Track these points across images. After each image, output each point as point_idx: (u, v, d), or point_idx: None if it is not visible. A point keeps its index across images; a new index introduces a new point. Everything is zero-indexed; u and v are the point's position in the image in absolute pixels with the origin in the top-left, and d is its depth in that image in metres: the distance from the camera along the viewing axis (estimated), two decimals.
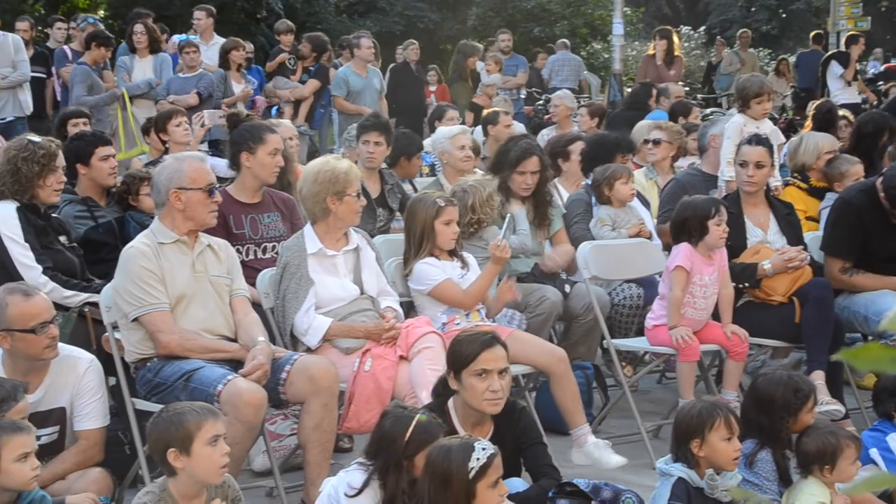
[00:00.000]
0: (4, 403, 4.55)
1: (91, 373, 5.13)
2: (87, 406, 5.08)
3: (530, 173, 7.04)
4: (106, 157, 7.04)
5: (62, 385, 5.06)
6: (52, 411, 5.04)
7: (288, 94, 14.05)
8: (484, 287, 6.16)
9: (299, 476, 5.66)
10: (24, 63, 11.82)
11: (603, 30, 26.77)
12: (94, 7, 24.30)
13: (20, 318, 4.91)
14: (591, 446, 5.97)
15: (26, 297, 4.96)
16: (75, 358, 5.15)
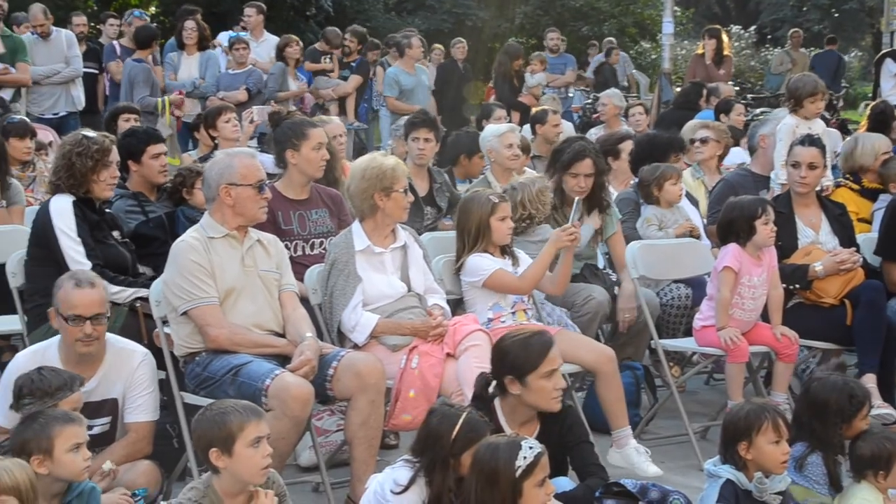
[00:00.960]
0: (59, 392, 4.61)
1: (144, 366, 5.18)
2: (138, 399, 5.13)
3: (584, 175, 6.95)
4: (157, 155, 7.07)
5: (116, 377, 5.12)
6: (105, 402, 5.09)
7: (330, 93, 14.10)
8: (540, 271, 6.13)
9: (345, 472, 5.67)
10: (76, 59, 11.92)
11: (652, 29, 26.62)
12: (146, 3, 24.47)
13: (62, 303, 5.04)
14: (632, 451, 5.96)
15: (75, 286, 5.05)
16: (130, 351, 5.21)
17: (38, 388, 4.59)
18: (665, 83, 16.42)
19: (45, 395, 4.58)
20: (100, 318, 5.03)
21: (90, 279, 5.12)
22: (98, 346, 5.06)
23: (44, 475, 4.26)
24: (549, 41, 17.28)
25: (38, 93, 11.40)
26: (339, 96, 14.14)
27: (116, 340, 5.21)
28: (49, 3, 12.69)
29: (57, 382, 4.63)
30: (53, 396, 4.58)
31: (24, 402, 4.60)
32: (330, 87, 14.12)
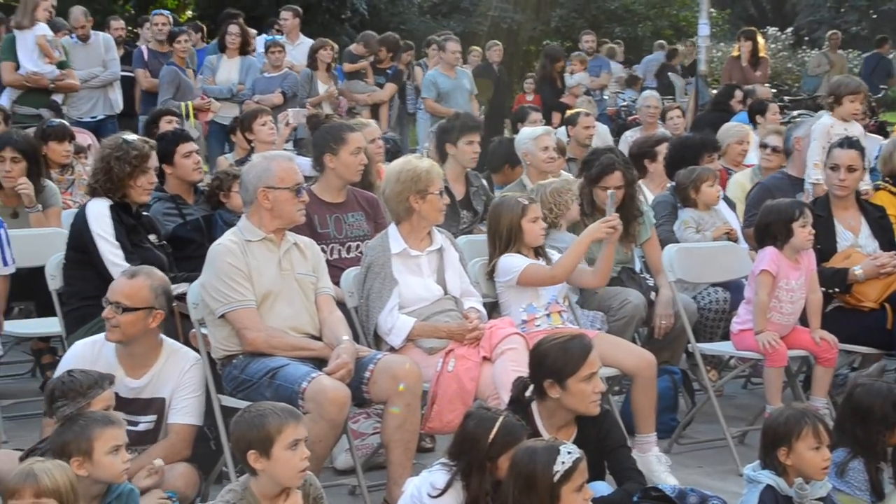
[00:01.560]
0: (91, 390, 4.63)
1: (194, 370, 5.22)
2: (183, 400, 5.15)
3: (614, 188, 6.91)
4: (188, 154, 7.10)
5: (167, 377, 5.15)
6: (154, 400, 5.13)
7: (365, 98, 14.12)
8: (573, 260, 6.09)
9: (381, 475, 5.67)
10: (114, 62, 12.00)
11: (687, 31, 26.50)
12: (182, 7, 24.62)
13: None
14: (653, 458, 5.94)
15: (125, 275, 5.16)
16: (183, 353, 5.26)
17: (70, 388, 4.62)
18: (701, 85, 16.35)
19: (77, 396, 4.60)
20: (117, 306, 5.05)
21: (136, 271, 5.21)
22: (119, 336, 5.08)
23: (83, 477, 4.28)
24: (583, 44, 17.25)
25: (76, 97, 11.48)
26: (373, 103, 14.17)
27: (171, 343, 5.27)
28: (87, 8, 12.79)
29: (87, 382, 4.66)
30: (86, 395, 4.61)
31: (57, 404, 4.63)
32: (366, 92, 14.15)
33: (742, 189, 8.49)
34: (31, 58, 10.65)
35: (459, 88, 13.70)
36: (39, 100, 10.70)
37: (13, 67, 10.67)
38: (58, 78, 10.74)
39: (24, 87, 10.67)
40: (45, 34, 10.71)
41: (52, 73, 10.72)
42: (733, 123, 10.15)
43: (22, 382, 7.85)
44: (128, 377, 5.10)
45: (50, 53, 10.66)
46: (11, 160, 7.29)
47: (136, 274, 5.17)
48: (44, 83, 10.69)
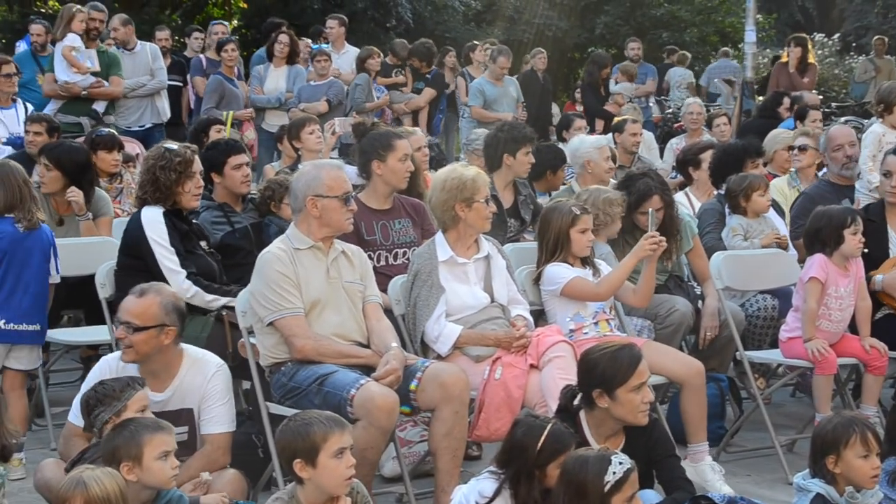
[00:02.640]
0: (125, 392, 4.68)
1: (218, 377, 5.20)
2: (212, 410, 5.15)
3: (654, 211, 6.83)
4: (238, 166, 7.13)
5: (190, 387, 5.15)
6: (181, 412, 5.13)
7: (402, 107, 14.15)
8: (619, 278, 6.09)
9: (428, 483, 5.67)
10: (161, 71, 12.10)
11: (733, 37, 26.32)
12: (229, 16, 24.79)
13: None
14: (707, 467, 5.90)
15: (134, 294, 5.12)
16: (205, 361, 5.24)
17: (105, 395, 4.68)
18: (747, 92, 16.23)
19: (113, 400, 4.66)
20: (129, 326, 5.03)
21: (145, 289, 5.14)
22: (134, 356, 5.06)
23: (133, 482, 4.32)
24: (629, 51, 17.19)
25: (124, 106, 11.59)
26: (411, 110, 14.19)
27: (193, 351, 5.25)
28: (134, 19, 12.91)
29: (120, 385, 4.71)
30: (120, 398, 4.66)
31: (95, 412, 4.68)
32: (403, 101, 14.18)
33: (781, 193, 8.44)
34: (63, 67, 10.79)
35: (506, 96, 13.73)
36: (79, 108, 10.83)
37: (53, 78, 10.87)
38: (92, 85, 10.86)
39: (60, 97, 10.81)
40: (73, 45, 10.82)
41: (85, 82, 10.83)
42: (780, 130, 10.08)
43: (71, 390, 7.87)
44: (151, 391, 5.08)
45: (76, 63, 10.77)
46: (45, 167, 7.38)
47: (145, 292, 5.11)
48: (76, 91, 10.82)
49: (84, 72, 10.83)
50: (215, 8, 25.65)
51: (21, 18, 20.77)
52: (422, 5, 25.75)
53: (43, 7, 24.55)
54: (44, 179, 7.41)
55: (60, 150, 7.54)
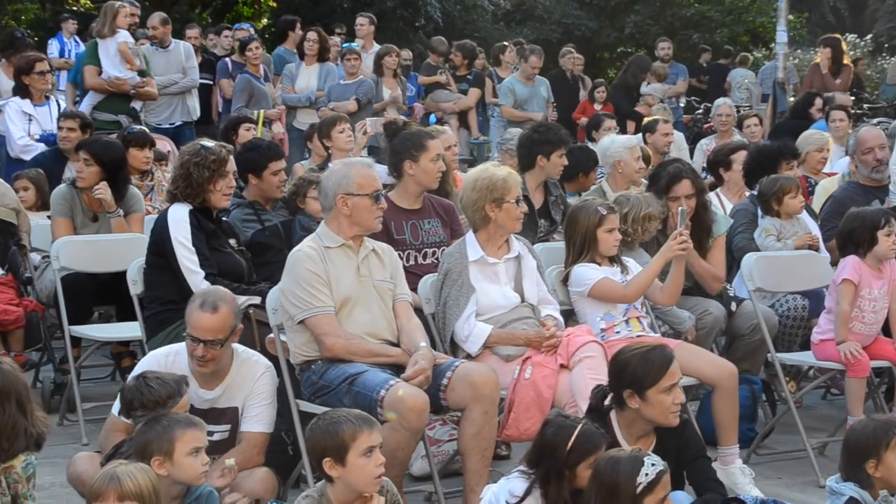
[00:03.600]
0: (170, 400, 4.69)
1: (265, 378, 5.24)
2: (255, 408, 5.18)
3: (684, 197, 6.78)
4: (277, 172, 7.15)
5: (239, 385, 5.19)
6: (227, 410, 5.17)
7: (452, 106, 14.16)
8: (647, 280, 6.07)
9: (458, 482, 5.67)
10: (193, 70, 12.14)
11: (764, 37, 26.22)
12: (258, 15, 24.86)
13: (187, 319, 5.12)
14: (737, 470, 5.87)
15: (199, 307, 5.08)
16: (254, 361, 5.27)
17: (149, 399, 4.67)
18: (779, 93, 16.15)
19: (156, 406, 4.66)
20: (214, 344, 5.05)
21: (215, 302, 5.10)
22: (213, 366, 5.10)
23: (163, 477, 4.34)
24: (659, 51, 17.14)
25: (155, 103, 11.63)
26: (460, 110, 14.20)
27: (243, 350, 5.28)
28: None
29: (165, 392, 4.70)
30: (165, 406, 4.66)
31: (136, 413, 4.69)
32: (451, 100, 14.19)
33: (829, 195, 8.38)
34: (114, 63, 10.82)
35: (536, 96, 13.81)
36: (119, 106, 10.85)
37: (96, 71, 10.82)
38: (139, 85, 10.89)
39: (105, 92, 10.82)
40: (127, 41, 10.86)
41: (134, 80, 10.87)
42: (813, 131, 10.03)
43: (102, 385, 7.96)
44: (201, 389, 5.13)
45: (131, 60, 10.82)
46: (84, 161, 7.41)
47: (216, 306, 5.08)
48: (125, 88, 10.84)
49: (136, 69, 10.87)
50: (245, 7, 25.73)
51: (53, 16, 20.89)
52: (451, 4, 25.78)
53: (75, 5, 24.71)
54: (82, 174, 7.45)
55: (100, 145, 7.59)
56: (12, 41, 11.33)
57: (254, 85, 12.33)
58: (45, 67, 9.89)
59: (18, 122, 9.66)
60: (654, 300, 6.33)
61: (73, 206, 7.46)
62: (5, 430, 4.36)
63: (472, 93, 14.36)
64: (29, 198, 8.25)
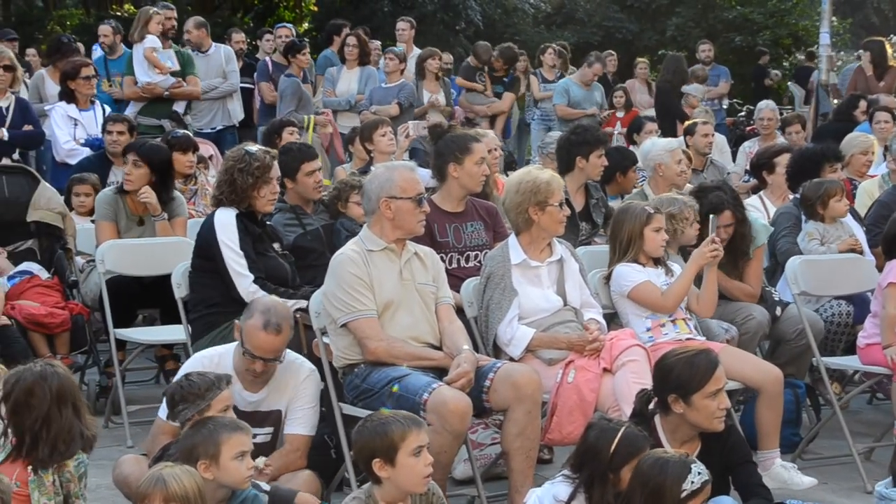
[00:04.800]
0: (209, 392, 4.72)
1: (309, 381, 5.27)
2: (298, 411, 5.21)
3: (722, 227, 6.69)
4: (311, 172, 7.16)
5: (283, 389, 5.22)
6: (271, 413, 5.20)
7: (485, 110, 14.15)
8: (682, 289, 6.04)
9: (500, 486, 5.67)
10: (234, 74, 12.17)
11: (807, 40, 26.00)
12: (299, 19, 24.97)
13: (246, 335, 5.13)
14: (779, 469, 5.83)
15: (262, 328, 5.09)
16: (298, 365, 5.30)
17: (190, 392, 4.72)
18: (822, 95, 16.02)
19: (197, 398, 4.70)
20: (274, 361, 5.13)
21: (279, 323, 5.11)
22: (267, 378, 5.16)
23: (209, 480, 4.36)
24: (700, 53, 17.04)
25: (197, 108, 11.68)
26: (493, 113, 14.21)
27: (287, 354, 5.29)
28: (208, 21, 13.01)
29: (205, 384, 4.75)
30: (205, 398, 4.70)
31: (178, 408, 4.72)
32: (485, 104, 14.20)
33: (871, 197, 8.33)
34: (144, 69, 10.90)
35: (590, 100, 13.96)
36: (161, 110, 10.92)
37: (133, 81, 10.95)
38: (173, 86, 10.96)
39: (142, 99, 10.93)
40: (153, 46, 10.94)
41: (166, 82, 10.93)
42: (857, 134, 9.95)
43: (146, 388, 8.02)
44: (246, 391, 5.17)
45: (159, 64, 10.88)
46: (133, 163, 7.46)
47: (280, 328, 5.10)
48: (158, 92, 10.91)
49: (165, 72, 10.93)
50: (286, 11, 25.85)
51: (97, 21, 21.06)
52: (491, 8, 25.77)
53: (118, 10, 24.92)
54: (130, 177, 7.47)
55: (148, 148, 7.64)
56: (59, 47, 11.41)
57: (303, 90, 12.33)
58: (91, 72, 9.96)
59: (64, 126, 9.74)
60: (691, 309, 6.29)
61: (117, 209, 7.51)
62: (62, 434, 4.43)
63: (506, 97, 14.34)
64: (89, 203, 8.28)
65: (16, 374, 4.52)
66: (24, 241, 7.87)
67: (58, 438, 4.41)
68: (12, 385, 4.47)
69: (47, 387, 4.44)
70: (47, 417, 4.42)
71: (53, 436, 4.41)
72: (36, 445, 4.41)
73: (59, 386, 4.45)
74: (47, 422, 4.41)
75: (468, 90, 14.33)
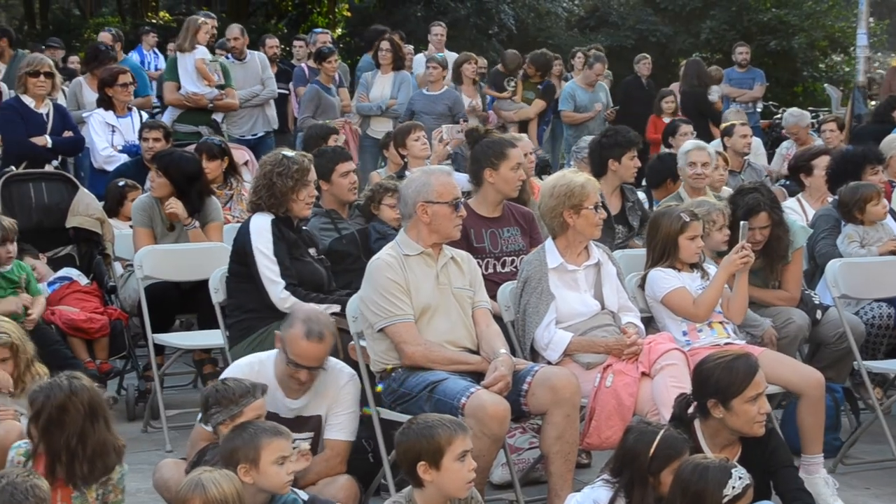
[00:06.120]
0: (243, 398, 4.73)
1: (349, 386, 5.27)
2: (338, 416, 5.21)
3: (759, 229, 6.63)
4: (346, 173, 7.17)
5: (324, 394, 5.22)
6: (311, 418, 5.20)
7: (513, 115, 14.12)
8: (714, 296, 6.00)
9: (538, 490, 5.66)
10: (271, 80, 12.23)
11: (843, 42, 25.83)
12: (333, 25, 25.05)
13: (289, 344, 5.11)
14: (820, 480, 5.78)
15: (305, 337, 5.07)
16: (338, 370, 5.30)
17: (223, 396, 4.73)
18: (858, 97, 15.93)
19: (230, 403, 4.72)
20: (318, 369, 5.12)
21: (321, 331, 5.10)
22: (309, 386, 5.15)
23: (248, 485, 4.37)
24: (737, 55, 16.97)
25: (237, 115, 11.76)
26: (520, 119, 14.17)
27: (327, 359, 5.29)
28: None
29: (240, 390, 4.76)
30: (238, 403, 4.71)
31: (211, 412, 4.74)
32: (513, 109, 14.17)
33: None
34: (191, 79, 10.97)
35: (595, 102, 13.95)
36: (199, 118, 10.99)
37: (175, 87, 11.02)
38: (217, 98, 11.02)
39: (184, 107, 11.00)
40: (204, 58, 11.00)
41: (212, 94, 11.01)
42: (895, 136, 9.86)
43: (185, 393, 8.05)
44: (288, 398, 5.18)
45: (208, 77, 10.96)
46: (156, 172, 7.53)
47: (322, 335, 5.08)
48: (203, 103, 10.99)
49: (213, 84, 11.01)
50: (320, 17, 25.95)
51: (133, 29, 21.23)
52: (524, 12, 25.75)
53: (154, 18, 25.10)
54: (153, 184, 7.59)
55: (169, 160, 7.67)
56: (96, 54, 11.50)
57: (322, 95, 12.30)
58: (128, 80, 10.02)
59: (102, 133, 9.80)
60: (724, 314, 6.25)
61: (153, 215, 7.56)
62: (98, 448, 4.45)
63: (536, 104, 14.26)
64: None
65: (43, 390, 4.51)
66: (64, 246, 7.95)
67: (94, 455, 4.43)
68: (42, 403, 4.46)
69: (79, 402, 4.44)
70: (82, 434, 4.42)
71: (90, 452, 4.42)
72: (73, 463, 4.42)
73: (90, 400, 4.47)
74: (83, 438, 4.42)
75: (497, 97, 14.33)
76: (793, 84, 25.69)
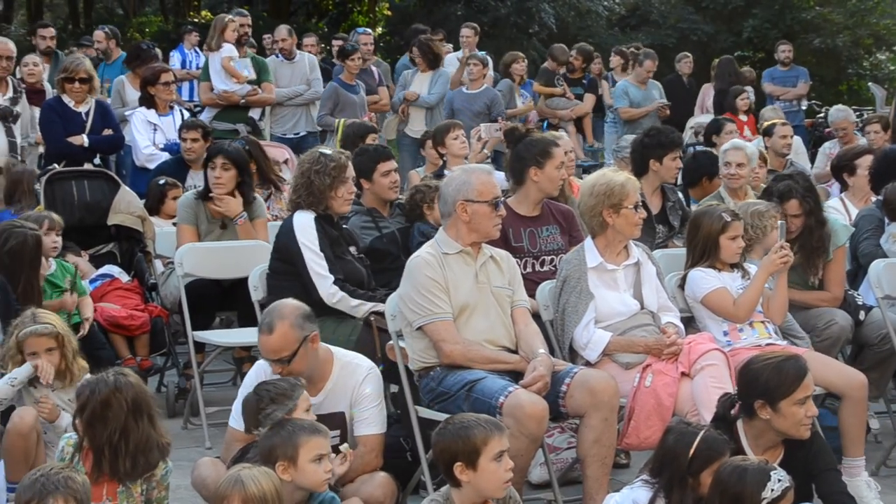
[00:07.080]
0: (295, 391, 4.78)
1: (370, 380, 5.24)
2: (365, 412, 5.19)
3: (791, 216, 6.60)
4: (388, 172, 7.18)
5: (342, 390, 5.20)
6: (333, 415, 5.17)
7: (569, 113, 14.12)
8: (754, 297, 5.96)
9: (576, 490, 5.64)
10: (317, 81, 12.29)
11: (888, 39, 25.59)
12: (373, 24, 25.10)
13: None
14: (862, 483, 5.72)
15: (258, 330, 5.10)
16: (355, 364, 5.28)
17: (279, 393, 4.76)
18: None
19: (286, 399, 4.75)
20: (282, 361, 5.03)
21: (271, 322, 5.04)
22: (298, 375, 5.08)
23: (287, 482, 4.39)
24: (779, 53, 16.84)
25: (280, 113, 11.85)
26: (576, 116, 14.17)
27: (343, 354, 5.30)
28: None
29: (289, 385, 4.80)
30: (293, 397, 4.76)
31: (267, 411, 4.76)
32: (568, 107, 14.17)
33: None
34: (221, 77, 11.06)
35: (649, 99, 13.86)
36: (236, 116, 11.08)
37: (209, 87, 11.19)
38: (249, 94, 11.09)
39: (218, 106, 11.08)
40: (231, 55, 11.07)
41: (243, 90, 11.08)
42: None
43: (224, 390, 8.08)
44: None
45: (236, 74, 11.04)
46: (222, 167, 7.51)
47: (271, 326, 5.03)
48: (234, 100, 11.08)
49: (242, 81, 11.08)
50: (360, 16, 26.00)
51: (175, 28, 21.37)
52: (565, 10, 25.66)
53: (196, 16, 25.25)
54: (221, 180, 7.49)
55: (234, 150, 7.69)
56: (139, 53, 11.60)
57: (340, 93, 12.25)
58: (170, 78, 10.09)
59: (144, 131, 9.87)
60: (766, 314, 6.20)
61: (198, 213, 7.58)
62: (141, 445, 4.48)
63: (588, 98, 14.34)
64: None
65: (89, 385, 4.57)
66: (105, 244, 8.03)
67: (137, 451, 4.47)
68: (87, 397, 4.52)
69: (123, 398, 4.49)
70: (125, 429, 4.47)
71: (133, 448, 4.46)
72: (116, 459, 4.46)
73: (134, 396, 4.51)
74: (125, 434, 4.47)
75: (548, 95, 14.29)
76: (837, 83, 25.46)
